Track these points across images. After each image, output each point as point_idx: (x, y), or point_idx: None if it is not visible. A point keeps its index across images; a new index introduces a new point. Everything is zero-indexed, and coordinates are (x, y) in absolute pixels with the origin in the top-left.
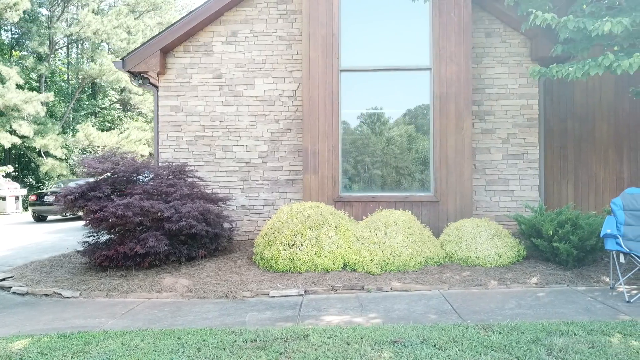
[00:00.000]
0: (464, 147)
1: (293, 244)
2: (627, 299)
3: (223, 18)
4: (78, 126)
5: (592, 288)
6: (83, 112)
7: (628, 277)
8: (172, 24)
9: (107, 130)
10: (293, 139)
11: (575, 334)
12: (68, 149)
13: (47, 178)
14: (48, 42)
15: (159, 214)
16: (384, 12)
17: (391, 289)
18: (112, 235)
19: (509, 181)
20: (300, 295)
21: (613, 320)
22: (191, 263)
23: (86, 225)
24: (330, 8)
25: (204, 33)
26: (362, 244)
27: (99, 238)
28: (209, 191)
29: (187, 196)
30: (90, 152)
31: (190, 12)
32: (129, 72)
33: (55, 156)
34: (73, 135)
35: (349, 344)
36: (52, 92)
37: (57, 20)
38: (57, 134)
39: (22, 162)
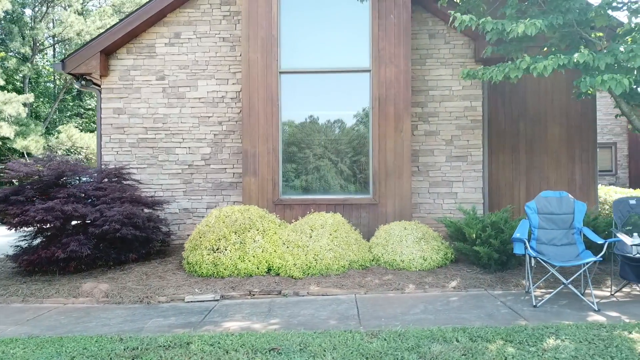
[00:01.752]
0: (403, 150)
1: (217, 249)
2: (534, 304)
3: (166, 19)
4: (60, 127)
5: (508, 292)
6: (68, 113)
7: (547, 280)
8: (113, 25)
9: (92, 132)
10: (237, 141)
11: (457, 341)
12: (51, 151)
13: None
14: (31, 43)
15: (85, 218)
16: (326, 13)
17: (308, 293)
18: (43, 239)
19: (452, 183)
20: (215, 300)
21: (507, 325)
22: (121, 267)
23: (9, 229)
24: (270, 10)
25: (147, 35)
26: (287, 247)
27: (31, 242)
28: (148, 194)
29: (117, 199)
30: (74, 154)
31: (132, 13)
32: (70, 74)
33: (37, 157)
34: (57, 137)
35: (227, 352)
36: (33, 93)
37: (40, 21)
38: (40, 135)
39: (4, 164)
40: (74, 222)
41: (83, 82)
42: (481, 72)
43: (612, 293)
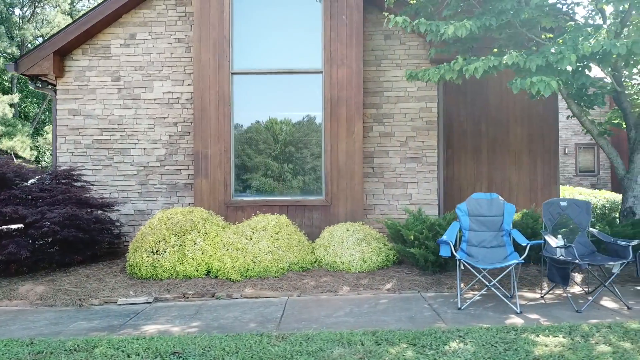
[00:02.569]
0: (355, 151)
1: (157, 251)
2: (459, 306)
3: (121, 20)
4: (47, 127)
5: (441, 294)
6: None
7: (480, 281)
8: (67, 26)
9: None
10: (192, 142)
11: (362, 344)
12: (39, 151)
13: None
14: (19, 43)
15: (25, 220)
16: (279, 14)
17: (241, 295)
18: None
19: (407, 184)
20: (148, 303)
21: (423, 328)
22: (65, 269)
23: None
24: (222, 11)
25: (103, 36)
26: (227, 250)
27: None
28: (103, 195)
29: (61, 201)
30: None
31: (86, 14)
32: (24, 75)
33: (24, 158)
34: (44, 137)
35: (128, 356)
36: (21, 94)
37: (28, 21)
38: (26, 136)
39: None
40: (17, 225)
41: (38, 84)
42: (421, 74)
43: (542, 295)
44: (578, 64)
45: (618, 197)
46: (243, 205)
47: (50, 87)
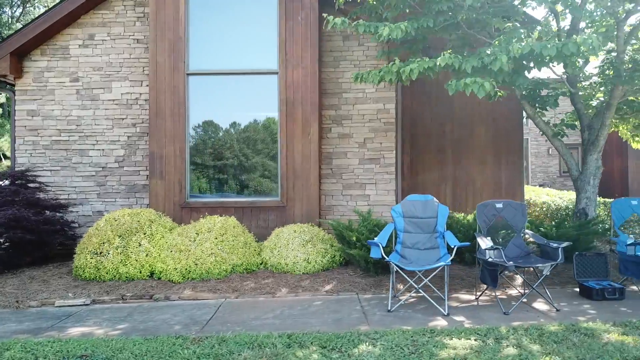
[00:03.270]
0: (311, 152)
1: (100, 252)
2: (389, 308)
3: (80, 21)
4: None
5: (378, 296)
6: None
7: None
8: (24, 26)
9: None
10: None
11: (274, 346)
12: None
13: None
14: None
15: None
16: (235, 15)
17: (179, 297)
18: None
19: (365, 185)
20: (85, 305)
21: (344, 330)
22: (14, 271)
23: None
24: (177, 11)
25: (62, 36)
26: (171, 251)
27: None
28: (61, 196)
29: (10, 203)
30: None
31: (43, 14)
32: None
33: None
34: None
35: (37, 359)
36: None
37: (17, 21)
38: None
39: None
40: None
41: None
42: (365, 75)
43: (477, 297)
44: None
45: None
46: (198, 207)
47: (8, 87)
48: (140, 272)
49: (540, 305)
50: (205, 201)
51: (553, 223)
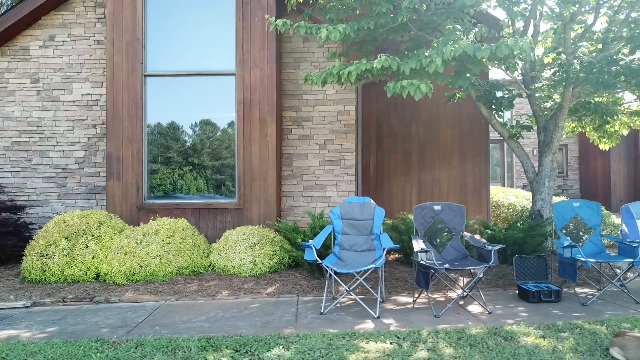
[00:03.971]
0: (269, 153)
1: (46, 254)
2: (322, 311)
3: (40, 22)
4: None
5: (318, 298)
6: None
7: (358, 285)
8: None
9: None
10: None
11: (188, 349)
12: None
13: None
14: None
15: None
16: (194, 16)
17: (119, 300)
18: None
19: (325, 187)
20: (25, 307)
21: (267, 333)
22: None
23: None
24: (134, 12)
25: (22, 37)
26: (117, 253)
27: None
28: (21, 198)
29: None
30: None
31: (2, 15)
32: None
33: None
34: None
35: None
36: None
37: None
38: None
39: None
40: None
41: None
42: (310, 77)
43: (414, 300)
44: (458, 67)
45: (556, 199)
46: (155, 208)
47: None
48: (86, 274)
49: (474, 307)
50: (162, 203)
51: (505, 225)
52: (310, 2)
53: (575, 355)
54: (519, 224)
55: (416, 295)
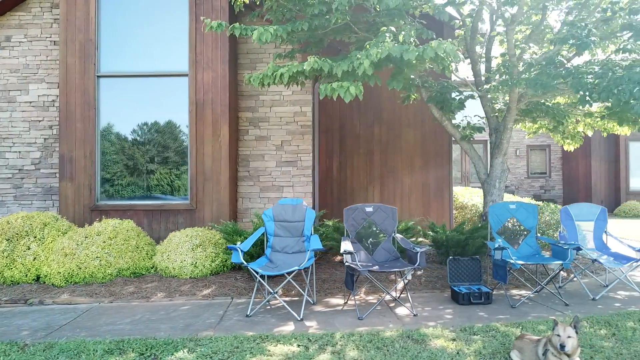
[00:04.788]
0: (221, 155)
1: None
2: (248, 313)
3: None
4: None
5: (254, 301)
6: None
7: (294, 287)
8: None
9: None
10: None
11: (93, 353)
12: None
13: None
14: None
15: None
16: (148, 17)
17: (54, 302)
18: None
19: (282, 188)
20: None
21: (185, 336)
22: None
23: None
24: (87, 13)
25: None
26: (58, 255)
27: None
28: None
29: None
30: None
31: None
32: None
33: None
34: None
35: None
36: None
37: None
38: None
39: None
40: None
41: None
42: (251, 78)
43: (346, 302)
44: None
45: (515, 199)
46: (107, 210)
47: None
48: (27, 276)
49: (403, 310)
50: (114, 204)
51: (470, 226)
52: (258, 3)
53: (476, 358)
54: (464, 226)
55: (347, 298)
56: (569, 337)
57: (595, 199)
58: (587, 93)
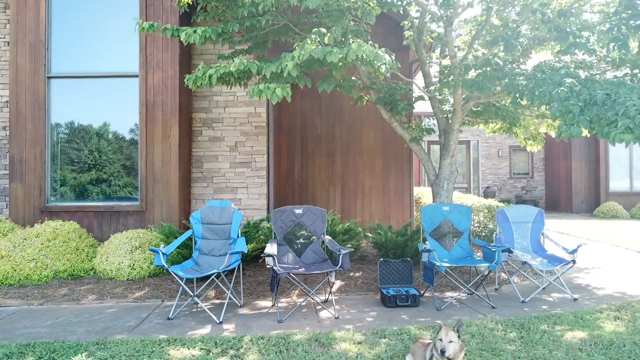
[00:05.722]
0: (171, 156)
1: None
2: (169, 316)
3: None
4: None
5: (181, 303)
6: None
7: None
8: None
9: None
10: None
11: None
12: None
13: None
14: None
15: None
16: (99, 18)
17: None
18: None
19: (236, 189)
20: None
21: (97, 339)
22: None
23: None
24: (38, 13)
25: None
26: None
27: None
28: None
29: None
30: None
31: None
32: None
33: None
34: None
35: None
36: None
37: None
38: None
39: None
40: None
41: None
42: (187, 78)
43: (273, 304)
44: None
45: (482, 201)
46: (57, 211)
47: None
48: None
49: (327, 312)
50: (65, 205)
51: (385, 228)
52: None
53: None
54: (409, 227)
55: (274, 300)
56: (450, 341)
57: (576, 199)
58: (518, 95)
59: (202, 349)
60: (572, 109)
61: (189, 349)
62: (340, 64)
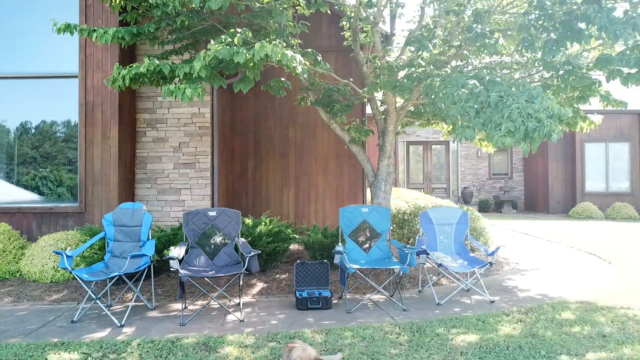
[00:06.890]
0: (111, 157)
1: None
2: (74, 319)
3: None
4: None
5: (98, 306)
6: None
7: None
8: None
9: None
10: None
11: None
12: None
13: None
14: None
15: None
16: (37, 17)
17: None
18: None
19: (180, 191)
20: None
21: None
22: None
23: None
24: None
25: None
26: None
27: None
28: None
29: None
30: None
31: None
32: None
33: None
34: None
35: None
36: None
37: None
38: None
39: None
40: None
41: None
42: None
43: (185, 307)
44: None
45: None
46: None
47: None
48: None
49: (235, 315)
50: (1, 207)
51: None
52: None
53: None
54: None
55: (184, 303)
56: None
57: (553, 200)
58: (433, 96)
59: (83, 353)
60: (468, 111)
61: (69, 353)
62: (251, 64)
